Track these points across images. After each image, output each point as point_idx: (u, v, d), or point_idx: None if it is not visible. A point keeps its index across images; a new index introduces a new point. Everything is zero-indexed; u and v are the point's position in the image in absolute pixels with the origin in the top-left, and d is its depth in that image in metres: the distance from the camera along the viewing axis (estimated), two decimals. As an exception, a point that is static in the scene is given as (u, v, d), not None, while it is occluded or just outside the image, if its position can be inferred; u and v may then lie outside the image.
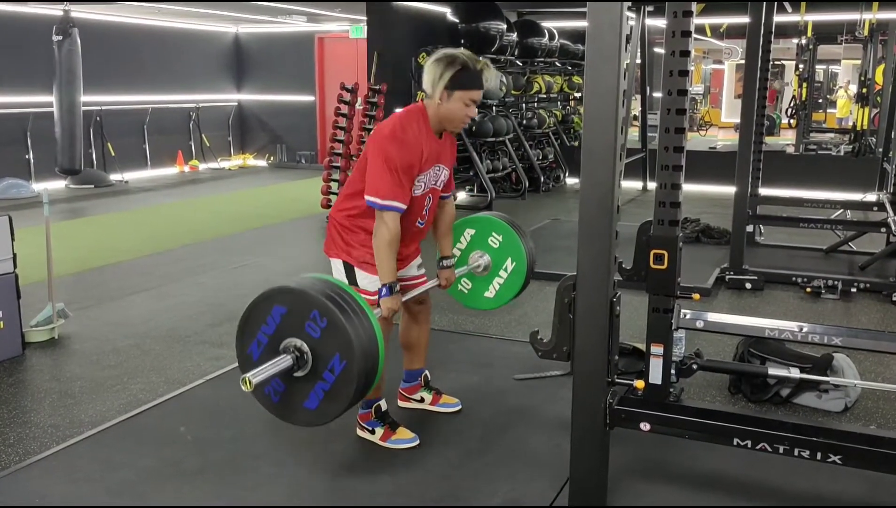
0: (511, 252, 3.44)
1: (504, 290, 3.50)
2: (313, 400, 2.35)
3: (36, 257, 4.75)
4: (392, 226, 2.76)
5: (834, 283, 5.34)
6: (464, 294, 3.57)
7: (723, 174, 7.96)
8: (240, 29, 13.45)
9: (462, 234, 3.47)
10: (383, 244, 2.77)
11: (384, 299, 2.79)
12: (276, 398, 2.40)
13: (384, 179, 2.73)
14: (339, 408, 2.33)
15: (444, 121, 2.86)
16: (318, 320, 2.30)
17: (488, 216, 3.49)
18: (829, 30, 12.59)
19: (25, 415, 3.43)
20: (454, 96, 2.78)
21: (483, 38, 9.40)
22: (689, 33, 2.52)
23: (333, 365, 2.30)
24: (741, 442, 2.36)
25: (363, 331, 2.31)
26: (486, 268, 3.48)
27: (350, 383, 2.29)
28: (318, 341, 2.30)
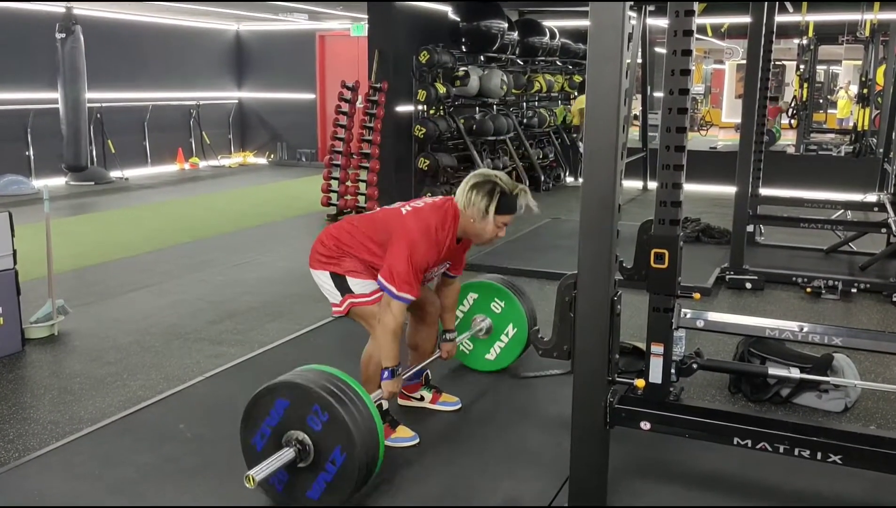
0: (513, 318, 3.61)
1: (505, 353, 3.69)
2: (316, 491, 2.45)
3: (36, 253, 4.75)
4: (399, 317, 2.84)
5: (834, 283, 5.34)
6: (465, 355, 3.73)
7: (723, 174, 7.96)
8: (241, 27, 13.44)
9: (465, 297, 3.64)
10: (388, 332, 2.84)
11: (385, 383, 2.87)
12: (280, 488, 2.50)
13: (404, 274, 2.81)
14: (342, 497, 2.43)
15: (473, 235, 2.99)
16: (319, 413, 2.40)
17: (491, 282, 3.64)
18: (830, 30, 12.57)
19: (25, 411, 3.43)
20: (489, 218, 2.89)
21: (484, 36, 9.39)
22: (690, 32, 2.52)
23: (335, 457, 2.40)
24: (741, 442, 2.36)
25: (363, 424, 2.40)
26: (488, 332, 3.68)
27: (352, 473, 2.38)
28: (320, 433, 2.41)
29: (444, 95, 8.82)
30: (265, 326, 4.63)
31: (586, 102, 2.24)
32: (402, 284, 2.80)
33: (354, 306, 2.98)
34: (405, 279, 2.80)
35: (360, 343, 3.15)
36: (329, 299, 3.05)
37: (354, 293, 2.96)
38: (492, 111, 10.08)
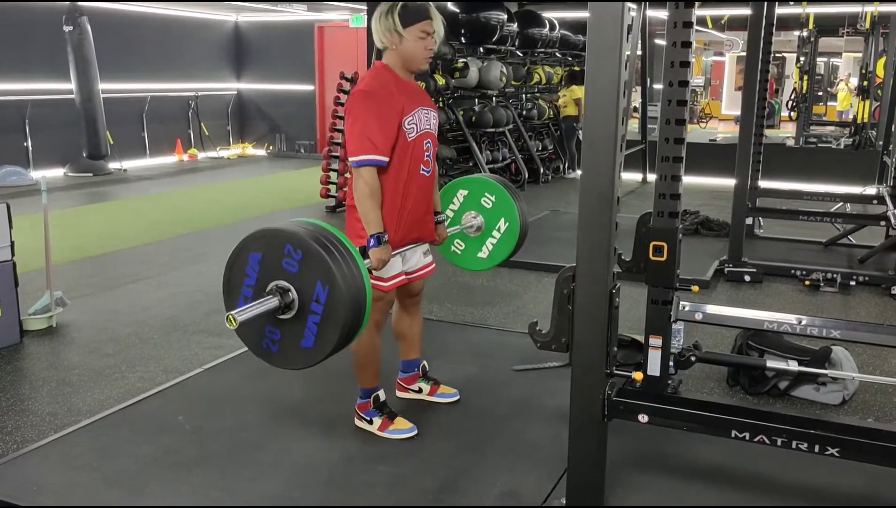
0: (504, 213, 3.42)
1: (497, 250, 3.48)
2: (309, 337, 2.28)
3: (34, 245, 4.74)
4: (370, 180, 2.76)
5: (833, 276, 5.34)
6: (456, 255, 3.54)
7: (723, 167, 7.96)
8: (240, 17, 13.40)
9: (455, 194, 3.46)
10: (364, 197, 2.76)
11: (373, 250, 2.74)
12: (276, 348, 2.34)
13: (357, 134, 2.75)
14: (335, 337, 2.26)
15: (408, 62, 2.89)
16: (292, 254, 2.25)
17: (482, 177, 3.50)
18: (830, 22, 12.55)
19: (23, 403, 3.43)
20: (407, 34, 2.82)
21: (483, 28, 9.36)
22: (690, 24, 2.51)
23: (318, 295, 2.24)
24: (739, 434, 2.35)
25: (339, 255, 2.25)
26: (479, 229, 3.46)
27: (339, 308, 2.22)
28: (298, 275, 2.25)
29: (443, 86, 8.80)
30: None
31: (585, 95, 2.23)
32: (358, 146, 2.73)
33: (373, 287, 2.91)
34: (361, 139, 2.73)
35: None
36: None
37: (373, 275, 2.83)
38: (491, 103, 10.06)
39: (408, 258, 3.05)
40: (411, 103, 2.87)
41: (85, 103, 10.04)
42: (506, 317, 4.74)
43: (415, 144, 2.87)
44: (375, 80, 2.86)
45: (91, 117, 10.10)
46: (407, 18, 2.81)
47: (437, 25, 2.89)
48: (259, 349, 2.35)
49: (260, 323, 2.29)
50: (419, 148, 2.90)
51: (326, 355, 2.27)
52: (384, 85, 2.83)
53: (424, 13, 2.84)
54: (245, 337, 2.36)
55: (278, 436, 3.05)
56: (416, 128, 2.88)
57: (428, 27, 2.85)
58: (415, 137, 2.87)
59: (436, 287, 5.14)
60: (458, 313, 4.80)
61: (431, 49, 2.88)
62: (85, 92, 9.97)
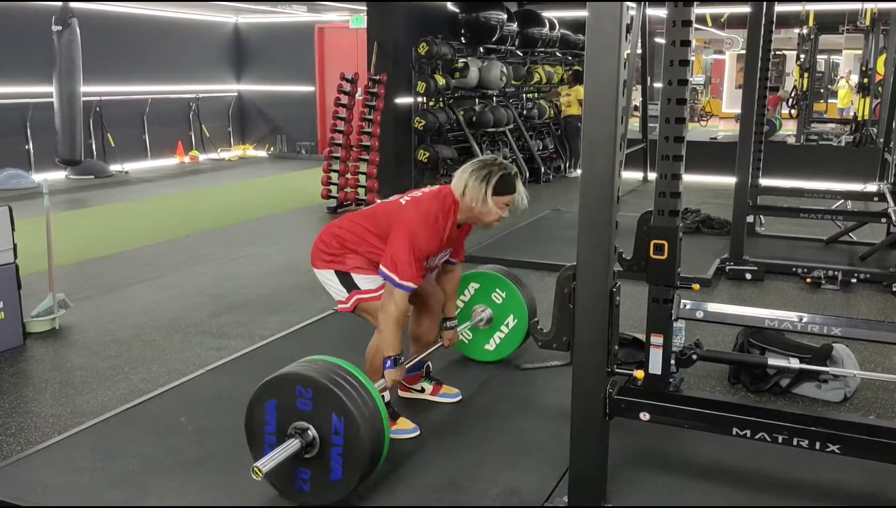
0: (514, 310, 3.61)
1: (504, 344, 3.69)
2: (336, 470, 2.41)
3: (36, 247, 4.75)
4: (402, 305, 2.85)
5: (834, 273, 5.34)
6: (465, 345, 3.73)
7: (723, 165, 7.96)
8: (240, 19, 13.40)
9: (466, 287, 3.63)
10: (392, 321, 2.84)
11: (388, 372, 2.87)
12: (308, 487, 2.46)
13: (405, 260, 2.81)
14: (362, 464, 2.38)
15: (475, 220, 3.01)
16: (304, 394, 2.38)
17: (493, 273, 3.65)
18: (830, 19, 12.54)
19: (27, 405, 3.44)
20: (491, 202, 2.90)
21: (483, 28, 9.37)
22: (689, 23, 2.52)
23: (336, 427, 2.37)
24: (740, 432, 2.36)
25: (349, 386, 2.38)
26: (489, 322, 3.68)
27: (357, 433, 2.35)
28: (314, 412, 2.39)
29: (443, 86, 8.80)
30: (266, 319, 4.63)
31: (585, 93, 2.24)
32: (404, 272, 2.81)
33: (361, 301, 2.99)
34: (407, 267, 2.81)
35: (362, 336, 3.15)
36: (334, 296, 3.05)
37: (361, 289, 2.98)
38: (491, 103, 10.06)
39: None
40: (443, 248, 3.03)
41: (64, 106, 9.78)
42: (507, 316, 4.74)
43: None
44: (440, 214, 2.93)
45: (69, 120, 9.83)
46: (498, 190, 2.90)
47: (518, 199, 2.97)
48: (292, 492, 2.47)
49: (289, 467, 2.41)
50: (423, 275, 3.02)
51: (357, 482, 2.40)
52: (443, 224, 2.93)
53: (512, 188, 2.93)
54: (277, 483, 2.49)
55: (281, 436, 3.05)
56: (428, 264, 3.02)
57: (510, 201, 2.95)
58: None
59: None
60: (460, 312, 4.81)
61: (503, 219, 3.00)
62: (65, 94, 9.74)
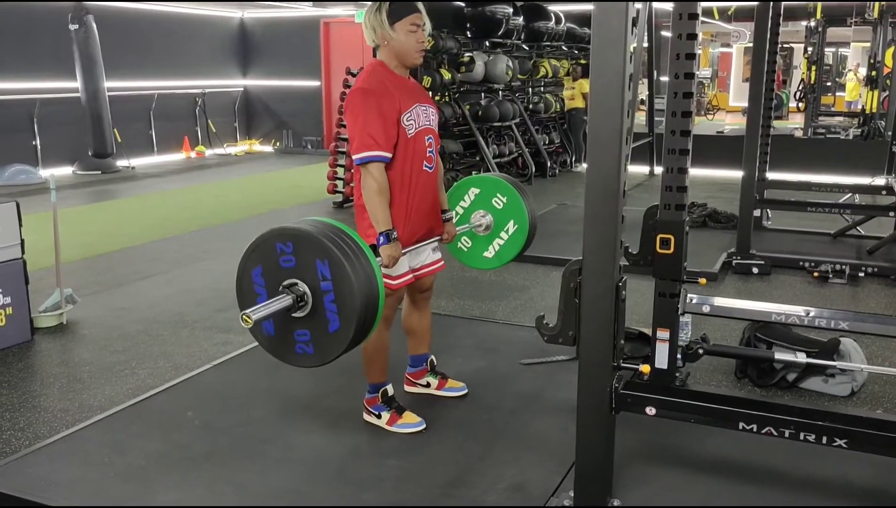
0: (514, 215, 3.44)
1: (504, 251, 3.50)
2: (333, 319, 2.27)
3: (44, 243, 4.77)
4: (378, 176, 2.76)
5: (841, 267, 5.32)
6: (463, 252, 3.56)
7: (730, 158, 7.93)
8: (245, 14, 13.41)
9: (466, 192, 3.47)
10: (372, 193, 2.77)
11: (383, 247, 2.75)
12: (311, 348, 2.33)
13: (360, 131, 2.75)
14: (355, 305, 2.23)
15: (401, 57, 2.89)
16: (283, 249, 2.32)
17: (494, 177, 3.50)
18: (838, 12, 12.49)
19: (35, 400, 3.46)
20: (397, 30, 2.83)
21: (489, 22, 9.35)
22: (696, 16, 2.51)
23: (321, 272, 2.25)
24: (747, 427, 2.35)
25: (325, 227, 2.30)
26: (488, 228, 3.47)
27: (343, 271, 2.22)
28: (297, 265, 2.29)
29: (449, 80, 8.79)
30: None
31: (591, 87, 2.23)
32: (361, 143, 2.74)
33: None
34: (364, 136, 2.74)
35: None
36: None
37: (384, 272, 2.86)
38: (497, 97, 10.05)
39: (416, 256, 3.06)
40: (408, 100, 2.88)
41: (90, 102, 10.12)
42: (513, 311, 4.74)
43: (415, 141, 2.87)
44: (371, 77, 2.86)
45: (97, 115, 10.17)
46: (395, 14, 2.82)
47: (426, 17, 2.89)
48: (296, 356, 2.35)
49: (287, 331, 2.32)
50: (420, 144, 2.90)
51: (354, 328, 2.24)
52: (380, 82, 2.84)
53: (412, 7, 2.85)
54: (279, 352, 2.38)
55: (287, 431, 3.06)
56: (414, 124, 2.88)
57: (417, 20, 2.85)
58: (414, 133, 2.87)
59: (444, 282, 5.14)
60: (466, 307, 4.81)
61: (422, 42, 2.89)
62: (90, 90, 10.05)
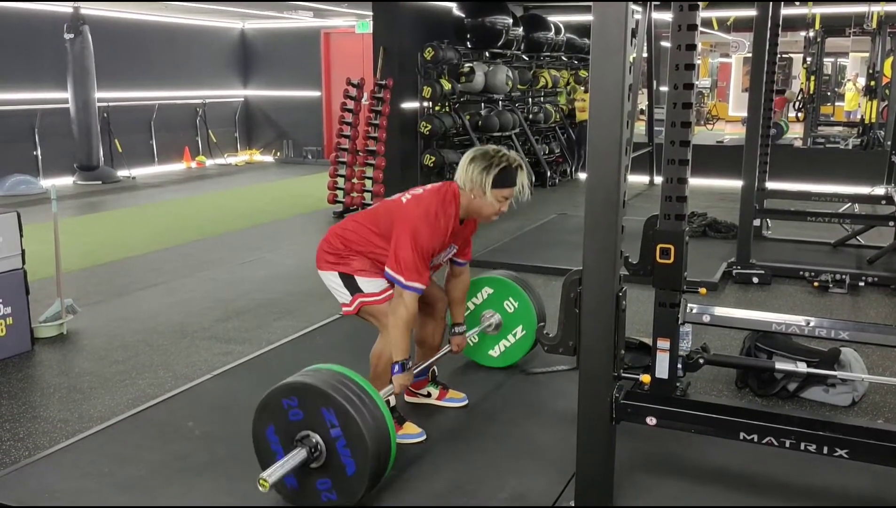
0: (523, 320, 3.60)
1: (510, 352, 3.69)
2: (349, 464, 2.44)
3: (44, 253, 4.77)
4: (412, 308, 2.83)
5: (842, 277, 5.32)
6: (469, 347, 3.71)
7: (730, 168, 7.93)
8: (246, 25, 13.45)
9: (479, 290, 3.63)
10: (401, 324, 2.83)
11: (396, 377, 2.86)
12: (335, 495, 2.48)
13: (410, 261, 2.80)
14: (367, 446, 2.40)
15: (476, 213, 2.97)
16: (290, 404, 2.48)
17: (508, 280, 3.63)
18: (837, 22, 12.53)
19: (35, 410, 3.45)
20: (491, 194, 2.88)
21: (489, 32, 9.39)
22: (695, 27, 2.52)
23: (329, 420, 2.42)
24: (748, 436, 2.35)
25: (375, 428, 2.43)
26: (497, 328, 3.66)
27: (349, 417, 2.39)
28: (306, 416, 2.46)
29: (449, 91, 8.82)
30: (273, 324, 4.64)
31: (590, 97, 2.24)
32: (410, 272, 2.79)
33: (365, 304, 2.98)
34: (412, 267, 2.79)
35: (368, 340, 3.15)
36: (338, 299, 3.05)
37: (364, 292, 2.96)
38: (497, 107, 10.08)
39: None
40: (448, 243, 2.99)
41: (79, 113, 9.96)
42: (514, 321, 4.73)
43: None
44: (441, 209, 2.90)
45: (85, 127, 10.00)
46: (499, 182, 2.87)
47: (518, 192, 2.94)
48: (323, 505, 2.49)
49: (310, 484, 2.48)
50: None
51: (371, 467, 2.41)
52: (445, 220, 2.89)
53: (513, 181, 2.90)
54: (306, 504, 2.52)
55: (288, 441, 3.06)
56: (433, 262, 2.99)
57: (510, 194, 2.92)
58: None
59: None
60: (466, 317, 4.80)
61: (503, 212, 2.96)
62: (80, 101, 9.92)
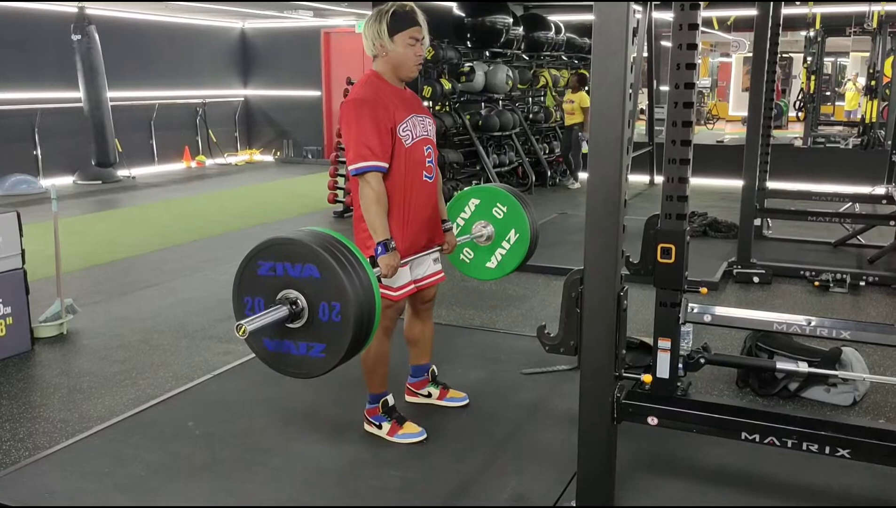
0: (515, 223, 3.43)
1: (506, 261, 3.49)
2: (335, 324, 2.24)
3: (44, 252, 4.77)
4: (375, 186, 2.76)
5: (842, 276, 5.32)
6: (465, 264, 3.55)
7: (730, 168, 7.94)
8: (246, 24, 13.45)
9: (467, 203, 3.46)
10: (370, 203, 2.76)
11: (381, 257, 2.74)
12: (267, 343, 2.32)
13: (355, 142, 2.76)
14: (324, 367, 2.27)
15: (398, 69, 2.89)
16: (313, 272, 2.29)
17: (494, 187, 3.50)
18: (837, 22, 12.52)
19: (35, 410, 3.45)
20: (396, 42, 2.83)
21: (489, 32, 9.37)
22: (696, 26, 2.51)
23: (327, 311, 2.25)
24: (749, 436, 2.35)
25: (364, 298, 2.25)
26: (489, 238, 3.46)
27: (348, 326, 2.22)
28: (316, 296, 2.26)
29: (449, 90, 8.80)
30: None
31: (591, 97, 2.24)
32: (357, 154, 2.74)
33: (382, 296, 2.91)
34: (360, 147, 2.74)
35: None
36: None
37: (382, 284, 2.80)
38: (497, 107, 10.06)
39: (417, 266, 3.05)
40: (404, 111, 2.88)
41: (93, 111, 10.14)
42: (514, 321, 4.74)
43: (413, 151, 2.88)
44: (366, 87, 2.87)
45: (99, 125, 10.19)
46: (395, 26, 2.82)
47: (426, 31, 2.89)
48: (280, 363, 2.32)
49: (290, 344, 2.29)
50: (419, 154, 2.90)
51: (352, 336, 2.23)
52: (375, 93, 2.84)
53: (412, 20, 2.85)
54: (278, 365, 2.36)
55: (288, 441, 3.06)
56: (411, 134, 2.88)
57: (417, 33, 2.85)
58: (412, 144, 2.87)
59: (444, 292, 5.13)
60: (467, 317, 4.81)
61: (421, 55, 2.90)
62: (93, 100, 10.07)
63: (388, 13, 2.82)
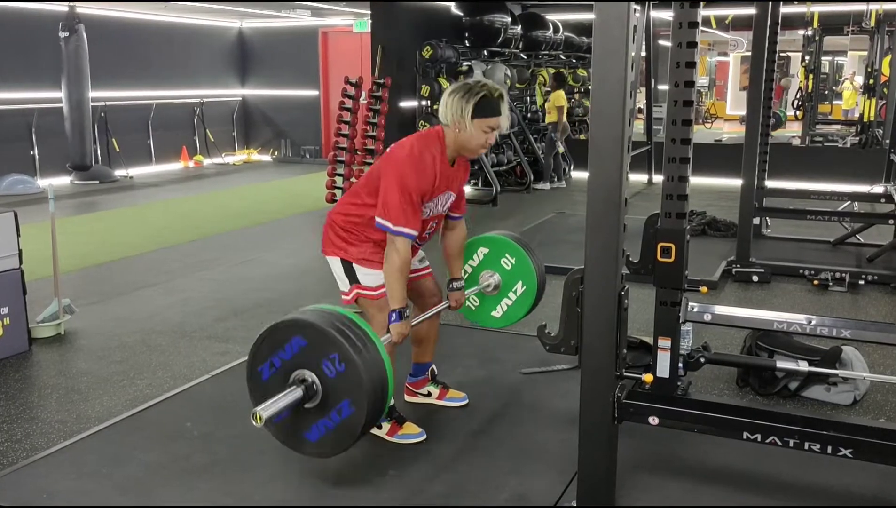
0: (522, 276, 3.50)
1: (511, 311, 3.57)
2: (315, 433, 2.41)
3: (42, 252, 4.75)
4: (403, 252, 2.78)
5: (842, 275, 5.32)
6: (471, 310, 3.63)
7: (729, 167, 7.94)
8: (244, 24, 13.43)
9: (475, 252, 3.54)
10: (394, 270, 2.79)
11: (394, 325, 2.81)
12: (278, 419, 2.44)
13: (398, 205, 2.75)
14: (340, 448, 2.42)
15: (462, 148, 2.90)
16: (336, 362, 2.37)
17: (503, 237, 3.56)
18: (835, 21, 12.53)
19: (32, 411, 3.44)
20: (475, 125, 2.82)
21: (487, 31, 9.38)
22: (695, 24, 2.51)
23: (342, 408, 2.36)
24: (750, 436, 2.34)
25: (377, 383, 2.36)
26: (496, 288, 3.55)
27: (355, 427, 2.37)
28: (332, 381, 2.38)
29: (447, 90, 8.79)
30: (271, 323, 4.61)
31: (591, 96, 2.23)
32: (398, 216, 2.74)
33: (360, 296, 2.97)
34: (400, 211, 2.74)
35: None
36: (339, 286, 3.03)
37: (361, 285, 2.95)
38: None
39: None
40: (441, 188, 2.92)
41: (73, 112, 9.90)
42: (513, 320, 4.72)
43: (422, 223, 2.91)
44: (426, 149, 2.85)
45: (78, 126, 9.94)
46: (479, 111, 2.81)
47: (504, 122, 2.90)
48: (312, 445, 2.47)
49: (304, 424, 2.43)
50: (423, 226, 2.95)
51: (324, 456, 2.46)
52: (431, 162, 2.84)
53: (496, 110, 2.84)
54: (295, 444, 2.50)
55: (287, 442, 3.04)
56: (429, 211, 2.93)
57: (495, 124, 2.85)
58: (424, 218, 2.92)
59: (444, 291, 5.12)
60: (466, 316, 4.79)
61: (491, 144, 2.92)
62: (74, 100, 9.86)
63: (478, 96, 2.80)
